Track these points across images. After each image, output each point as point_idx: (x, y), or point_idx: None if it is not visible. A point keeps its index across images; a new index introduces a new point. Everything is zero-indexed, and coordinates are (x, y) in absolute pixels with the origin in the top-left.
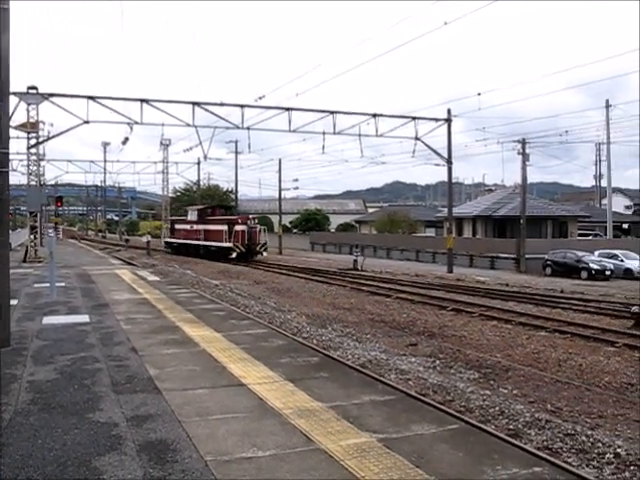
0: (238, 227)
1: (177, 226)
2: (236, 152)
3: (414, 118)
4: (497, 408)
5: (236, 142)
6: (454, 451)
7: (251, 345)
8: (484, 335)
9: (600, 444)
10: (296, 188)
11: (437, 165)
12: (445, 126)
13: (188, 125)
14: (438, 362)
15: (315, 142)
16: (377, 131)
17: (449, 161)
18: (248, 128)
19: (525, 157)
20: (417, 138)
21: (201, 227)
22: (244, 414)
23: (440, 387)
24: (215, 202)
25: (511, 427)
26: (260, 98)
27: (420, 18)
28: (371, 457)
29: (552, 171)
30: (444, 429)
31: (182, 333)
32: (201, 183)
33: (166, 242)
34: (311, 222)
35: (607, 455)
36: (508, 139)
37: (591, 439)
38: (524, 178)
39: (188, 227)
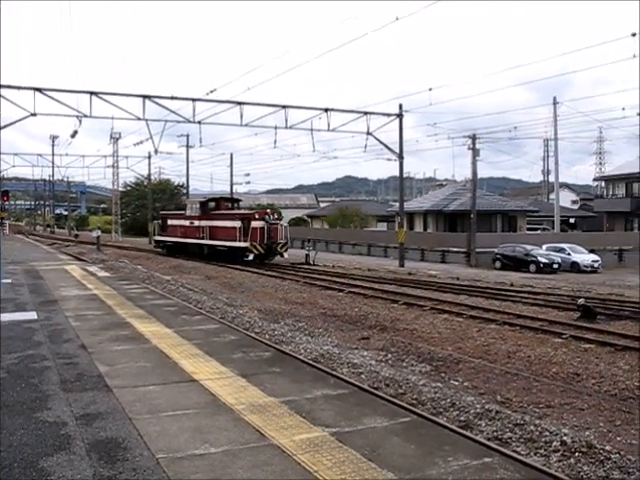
0: (255, 223)
1: (171, 222)
2: (187, 146)
3: (366, 113)
4: (448, 400)
5: (187, 136)
6: (406, 443)
7: (203, 341)
8: (435, 328)
9: (547, 433)
10: (248, 182)
11: (389, 160)
12: (397, 121)
13: (139, 119)
14: (390, 355)
15: (267, 136)
16: (329, 126)
17: (400, 156)
18: (199, 122)
19: (475, 152)
20: (369, 133)
21: (205, 223)
22: (196, 410)
23: (392, 380)
24: (167, 197)
25: (462, 419)
26: (211, 92)
27: (372, 13)
28: (324, 451)
29: (502, 166)
30: (396, 422)
31: (133, 329)
32: (152, 177)
33: (157, 241)
34: None
35: (554, 443)
36: (458, 134)
37: (539, 428)
38: (474, 173)
39: (187, 223)
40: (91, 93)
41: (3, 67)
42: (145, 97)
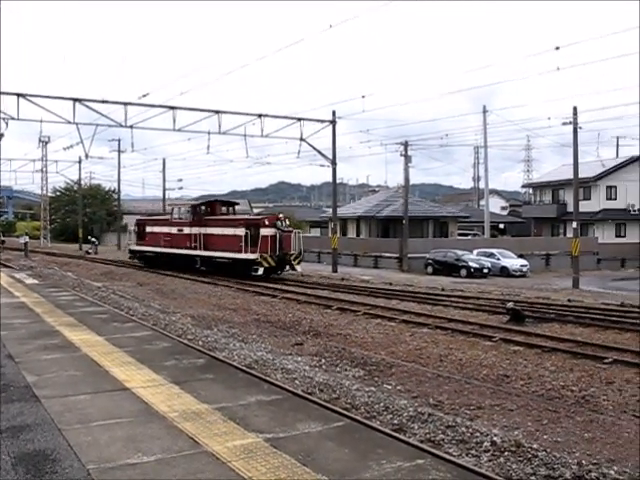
0: (265, 231)
1: (151, 229)
2: (119, 151)
3: (299, 119)
4: (382, 404)
5: (119, 140)
6: (340, 448)
7: (135, 348)
8: (368, 333)
9: (478, 434)
10: (180, 188)
11: (322, 166)
12: (330, 127)
13: (69, 122)
14: (324, 361)
15: (200, 142)
16: (262, 131)
17: (334, 162)
18: (131, 126)
19: (408, 159)
20: (302, 139)
21: (197, 230)
22: (128, 419)
23: (326, 385)
24: (97, 202)
25: (395, 422)
26: (144, 96)
27: (307, 20)
28: (258, 457)
29: (433, 173)
30: (330, 427)
31: (62, 337)
32: (83, 182)
33: (132, 251)
34: None
35: (485, 444)
36: (391, 141)
37: (470, 429)
38: (406, 179)
39: (173, 230)
40: (18, 95)
41: None
42: (75, 100)
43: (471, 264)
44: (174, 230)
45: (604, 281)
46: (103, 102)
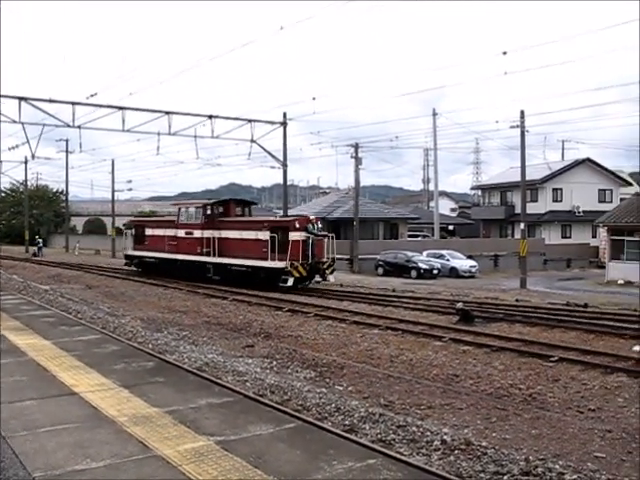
0: (295, 235)
1: (152, 231)
2: (67, 151)
3: (250, 121)
4: (333, 405)
5: (67, 141)
6: (292, 449)
7: (83, 352)
8: (320, 334)
9: (429, 433)
10: (130, 189)
11: (273, 167)
12: (281, 129)
13: (14, 122)
14: (275, 362)
15: (150, 142)
16: (213, 133)
17: (284, 164)
18: (79, 127)
19: (358, 161)
20: (253, 140)
21: (210, 234)
22: (76, 424)
23: (277, 387)
24: (45, 203)
25: (347, 423)
26: (92, 95)
27: (258, 22)
28: (209, 460)
29: (384, 175)
30: (282, 428)
31: (8, 342)
32: (29, 183)
33: (129, 257)
34: None
35: (435, 442)
36: (342, 143)
37: (421, 429)
38: (357, 181)
39: (179, 234)
40: None
41: None
42: (21, 99)
43: (421, 265)
44: (181, 233)
45: (551, 281)
46: (50, 101)
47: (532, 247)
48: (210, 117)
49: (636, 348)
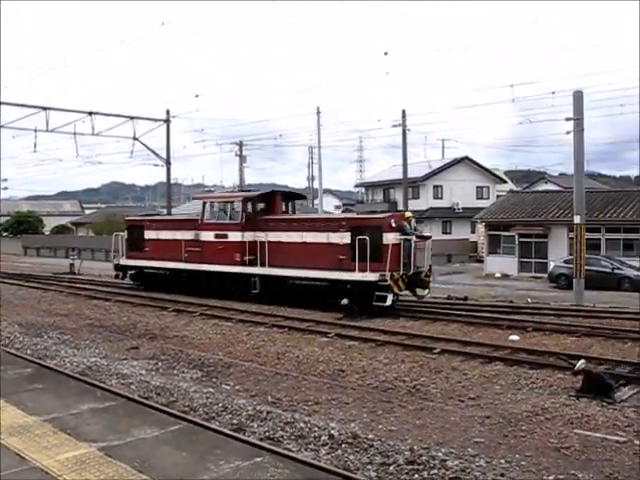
0: (391, 237)
1: (156, 234)
2: None
3: (132, 117)
4: (220, 404)
5: None
6: (177, 451)
7: None
8: (206, 334)
9: (317, 428)
10: (6, 188)
11: (156, 165)
12: (164, 126)
13: None
14: (161, 364)
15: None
16: (93, 130)
17: (168, 162)
18: None
19: (242, 159)
20: (135, 138)
21: (253, 237)
22: None
23: (163, 389)
24: None
25: (235, 422)
26: None
27: (138, 17)
28: (92, 468)
29: (269, 172)
30: (167, 430)
31: None
32: None
33: (122, 267)
34: (23, 225)
35: (323, 437)
36: (226, 141)
37: (309, 424)
38: (242, 179)
39: (207, 237)
40: None
41: None
42: None
43: None
44: (208, 236)
45: (432, 276)
46: None
47: None
48: (90, 114)
49: (512, 338)
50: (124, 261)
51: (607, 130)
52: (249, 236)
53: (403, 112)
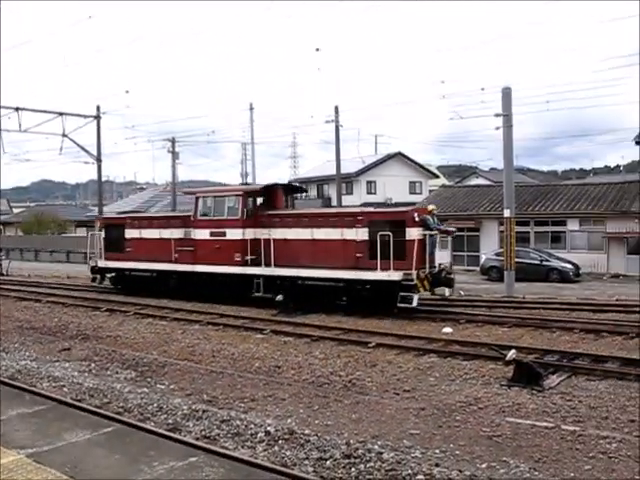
0: (415, 233)
1: (138, 233)
2: None
3: (61, 114)
4: (155, 405)
5: None
6: (110, 454)
7: None
8: (140, 333)
9: (253, 425)
10: None
11: (87, 163)
12: (94, 123)
13: None
14: (93, 365)
15: None
16: (20, 126)
17: (99, 159)
18: None
19: (175, 155)
20: (65, 135)
21: (254, 234)
22: None
23: (96, 390)
24: None
25: (170, 421)
26: None
27: (63, 10)
28: (20, 476)
29: (202, 169)
30: (99, 433)
31: None
32: None
33: (101, 270)
34: None
35: (259, 434)
36: (158, 137)
37: (245, 422)
38: (174, 176)
39: (201, 235)
40: None
41: None
42: None
43: None
44: (203, 234)
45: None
46: None
47: None
48: (17, 109)
49: (445, 330)
50: (103, 263)
51: (535, 126)
52: (250, 233)
53: (336, 108)
